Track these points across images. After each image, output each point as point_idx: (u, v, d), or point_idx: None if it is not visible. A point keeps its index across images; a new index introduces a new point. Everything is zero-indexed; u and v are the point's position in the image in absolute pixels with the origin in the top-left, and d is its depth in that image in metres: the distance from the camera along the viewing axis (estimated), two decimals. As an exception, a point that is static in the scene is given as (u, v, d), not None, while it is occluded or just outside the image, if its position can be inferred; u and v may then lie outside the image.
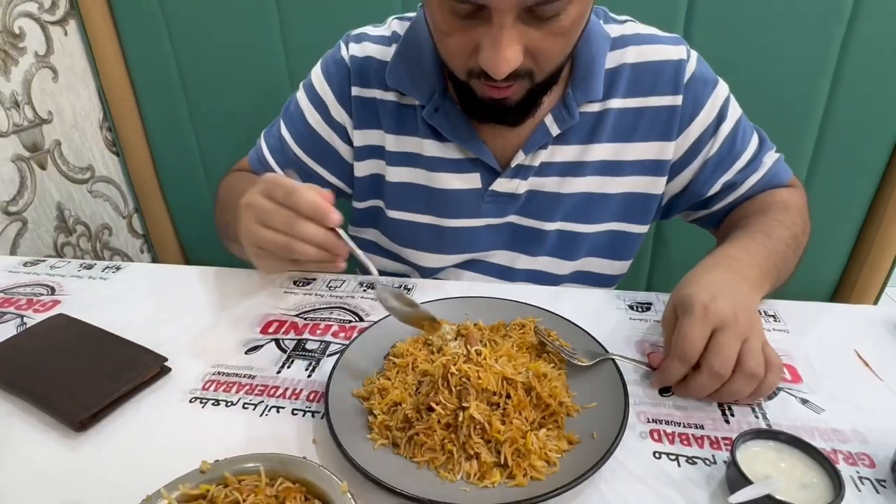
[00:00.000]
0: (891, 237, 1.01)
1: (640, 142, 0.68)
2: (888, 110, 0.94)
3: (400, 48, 0.69)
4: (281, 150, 0.77)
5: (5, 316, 0.68)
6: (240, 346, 0.60)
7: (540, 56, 0.54)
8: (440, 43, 0.58)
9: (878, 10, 0.87)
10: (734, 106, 0.69)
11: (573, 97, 0.65)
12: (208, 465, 0.38)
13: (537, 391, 0.46)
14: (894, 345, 0.57)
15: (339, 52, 0.72)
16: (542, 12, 0.50)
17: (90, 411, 0.49)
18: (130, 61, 1.18)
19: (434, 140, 0.70)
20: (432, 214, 0.73)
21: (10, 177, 1.03)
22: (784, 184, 0.71)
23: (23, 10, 1.03)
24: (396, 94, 0.70)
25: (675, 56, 0.66)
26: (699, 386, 0.48)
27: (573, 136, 0.68)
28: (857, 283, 1.07)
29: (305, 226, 0.50)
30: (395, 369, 0.52)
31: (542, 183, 0.69)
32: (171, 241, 1.39)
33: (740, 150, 0.68)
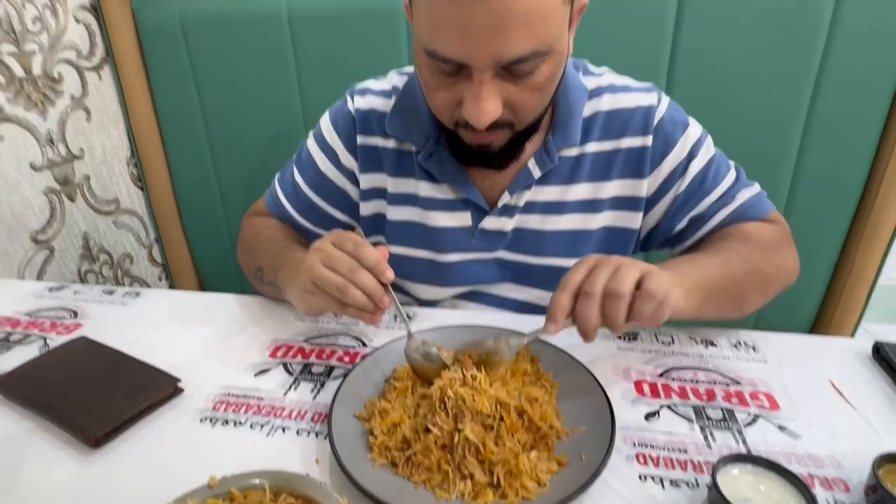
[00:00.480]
0: (865, 273, 1.02)
1: (615, 179, 0.70)
2: (856, 156, 0.95)
3: (398, 100, 0.72)
4: (295, 195, 0.79)
5: (30, 337, 0.68)
6: (249, 369, 0.60)
7: (518, 108, 0.57)
8: (429, 97, 0.60)
9: (843, 67, 0.90)
10: (707, 146, 0.70)
11: (553, 143, 0.67)
12: (216, 481, 0.38)
13: (529, 414, 0.46)
14: (867, 375, 0.57)
15: (346, 106, 0.75)
16: (516, 70, 0.52)
17: (105, 429, 0.49)
18: (158, 104, 1.22)
19: (429, 182, 0.72)
20: (428, 249, 0.74)
21: (42, 208, 1.05)
22: (758, 218, 0.70)
23: (63, 57, 1.07)
24: (396, 141, 0.73)
25: (645, 102, 0.68)
26: (580, 313, 0.49)
27: (554, 177, 0.70)
28: (833, 317, 1.07)
29: (364, 274, 0.53)
30: (395, 392, 0.52)
31: (527, 221, 0.71)
32: (189, 269, 1.40)
33: (711, 186, 0.69)
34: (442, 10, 0.49)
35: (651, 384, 0.56)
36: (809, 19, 0.88)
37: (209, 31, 1.11)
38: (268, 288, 0.72)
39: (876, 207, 0.96)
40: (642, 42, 0.95)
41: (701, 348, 0.62)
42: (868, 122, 0.93)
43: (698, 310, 0.56)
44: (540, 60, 0.52)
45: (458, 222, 0.72)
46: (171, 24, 1.11)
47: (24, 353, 0.64)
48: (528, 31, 0.49)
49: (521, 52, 0.50)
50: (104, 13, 1.12)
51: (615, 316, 0.49)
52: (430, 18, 0.51)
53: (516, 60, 0.51)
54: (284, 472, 0.39)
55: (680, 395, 0.54)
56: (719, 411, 0.52)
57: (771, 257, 0.65)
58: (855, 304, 1.05)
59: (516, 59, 0.51)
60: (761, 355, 0.60)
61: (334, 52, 1.06)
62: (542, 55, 0.52)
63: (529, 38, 0.50)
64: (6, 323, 0.71)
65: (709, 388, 0.55)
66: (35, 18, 1.01)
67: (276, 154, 1.17)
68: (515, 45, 0.50)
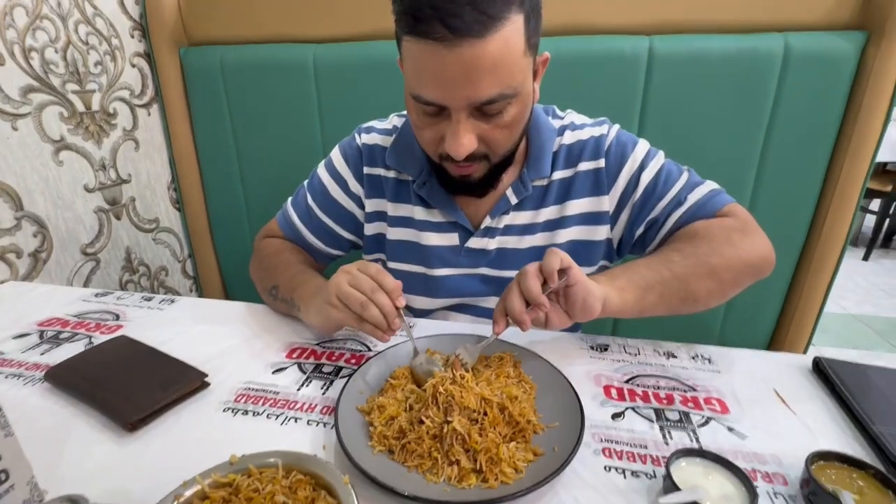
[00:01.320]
0: (813, 299, 1.04)
1: (577, 199, 0.72)
2: (803, 195, 0.98)
3: (396, 137, 0.76)
4: (308, 217, 0.82)
5: (77, 336, 0.70)
6: (267, 367, 0.62)
7: (490, 143, 0.61)
8: (417, 135, 0.65)
9: (791, 119, 0.93)
10: (657, 158, 0.72)
11: (528, 175, 0.71)
12: (236, 458, 0.39)
13: (509, 410, 0.48)
14: (807, 386, 0.58)
15: (354, 141, 0.80)
16: (487, 110, 0.57)
17: (140, 414, 0.51)
18: (197, 137, 1.26)
19: (422, 207, 0.75)
20: (421, 265, 0.77)
21: (91, 225, 1.08)
22: (711, 214, 0.68)
23: (118, 95, 1.12)
24: (395, 172, 0.77)
25: (596, 133, 0.73)
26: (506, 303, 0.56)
27: (527, 203, 0.73)
28: (785, 340, 1.09)
29: (383, 296, 0.57)
30: (393, 390, 0.54)
31: (506, 241, 0.74)
32: (217, 282, 1.42)
33: (662, 191, 0.70)
34: (424, 62, 0.54)
35: (618, 388, 0.57)
36: (761, 73, 0.92)
37: (245, 76, 1.16)
38: (280, 305, 0.73)
39: (822, 238, 0.98)
40: (618, 90, 0.98)
41: (663, 359, 0.64)
42: (813, 164, 0.96)
43: (639, 304, 0.59)
44: (507, 102, 0.57)
45: (448, 241, 0.75)
46: (212, 70, 1.16)
47: (71, 349, 0.66)
48: (495, 77, 0.54)
49: (490, 94, 0.55)
50: (156, 59, 1.17)
51: (528, 290, 0.54)
52: (414, 69, 0.56)
53: (486, 101, 0.55)
54: (296, 453, 0.40)
55: (643, 399, 0.55)
56: (677, 413, 0.53)
57: (717, 248, 0.63)
58: (805, 326, 1.06)
59: (486, 101, 0.55)
60: (716, 366, 0.62)
61: (352, 96, 1.10)
62: (508, 97, 0.56)
63: (496, 84, 0.54)
64: (57, 323, 0.73)
65: (668, 393, 0.56)
66: (97, 63, 1.05)
67: (298, 182, 1.21)
68: (484, 89, 0.54)
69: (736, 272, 0.63)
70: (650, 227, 0.72)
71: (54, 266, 1.00)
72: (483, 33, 0.51)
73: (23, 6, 0.90)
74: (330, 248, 0.84)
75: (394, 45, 1.08)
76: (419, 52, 0.54)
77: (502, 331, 0.56)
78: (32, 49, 0.92)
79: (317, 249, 0.84)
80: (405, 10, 0.53)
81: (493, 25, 0.51)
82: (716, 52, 0.92)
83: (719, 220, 0.68)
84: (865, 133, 0.90)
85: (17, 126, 0.91)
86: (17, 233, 0.93)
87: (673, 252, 0.64)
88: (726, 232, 0.65)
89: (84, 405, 0.54)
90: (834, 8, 0.88)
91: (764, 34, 0.91)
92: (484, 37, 0.51)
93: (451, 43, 0.51)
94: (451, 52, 0.51)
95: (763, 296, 1.07)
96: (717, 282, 0.62)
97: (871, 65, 0.87)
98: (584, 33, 0.99)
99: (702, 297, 0.63)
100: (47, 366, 0.60)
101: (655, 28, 0.96)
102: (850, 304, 2.56)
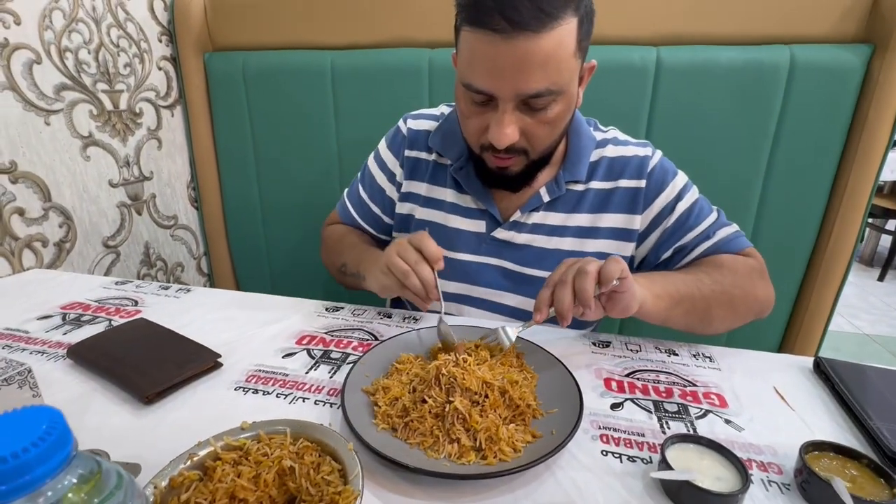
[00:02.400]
0: (820, 311, 1.03)
1: (612, 213, 0.75)
2: (810, 206, 0.99)
3: (442, 122, 0.80)
4: (360, 205, 0.88)
5: (97, 318, 0.73)
6: (278, 352, 0.64)
7: (531, 138, 0.63)
8: (463, 124, 0.68)
9: (797, 130, 0.95)
10: (692, 192, 0.75)
11: (563, 177, 0.74)
12: (248, 424, 0.41)
13: (510, 394, 0.49)
14: (807, 385, 0.59)
15: (399, 128, 0.84)
16: (533, 104, 0.60)
17: (157, 388, 0.53)
18: (218, 138, 1.30)
19: (455, 191, 0.78)
20: (443, 247, 0.78)
21: (114, 218, 1.12)
22: (734, 252, 0.72)
23: (144, 97, 1.17)
24: (436, 155, 0.80)
25: (641, 153, 0.75)
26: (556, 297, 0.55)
27: (561, 206, 0.75)
28: (793, 350, 1.08)
29: (424, 267, 0.62)
30: (397, 374, 0.55)
31: (535, 239, 0.75)
32: (230, 280, 1.45)
33: (694, 223, 0.73)
34: (478, 51, 0.58)
35: (618, 381, 0.58)
36: (767, 84, 0.93)
37: (266, 80, 1.20)
38: (350, 279, 0.80)
39: (829, 250, 0.98)
40: (627, 99, 1.01)
41: (664, 356, 0.65)
42: (819, 175, 0.97)
43: (666, 314, 0.60)
44: (552, 98, 0.60)
45: (474, 227, 0.78)
46: (234, 74, 1.21)
47: (92, 330, 0.68)
48: (545, 72, 0.57)
49: (538, 88, 0.58)
50: (181, 63, 1.22)
51: (583, 290, 0.53)
52: (469, 58, 0.59)
53: (533, 95, 0.58)
54: (303, 421, 0.42)
55: (642, 392, 0.57)
56: (675, 405, 0.54)
57: (740, 282, 0.68)
58: (812, 339, 1.06)
59: (534, 94, 0.58)
60: (716, 364, 0.63)
61: (367, 102, 1.14)
62: (554, 94, 0.59)
63: (545, 78, 0.57)
64: (78, 307, 0.77)
65: (668, 387, 0.57)
66: (126, 65, 1.11)
67: (314, 184, 1.25)
68: (533, 82, 0.57)
69: (748, 308, 0.68)
70: (677, 253, 0.75)
71: (77, 257, 1.04)
72: (539, 29, 0.54)
73: (61, 9, 0.95)
74: (380, 234, 0.89)
75: (409, 52, 1.12)
76: (476, 42, 0.57)
77: (543, 320, 0.57)
78: (67, 49, 0.97)
79: (372, 235, 0.89)
80: (469, 3, 0.57)
81: (549, 23, 0.54)
82: (722, 63, 0.94)
83: (743, 258, 0.72)
84: (871, 144, 0.91)
85: (49, 121, 0.96)
86: (45, 223, 0.97)
87: (703, 274, 0.67)
88: (748, 270, 0.70)
89: (104, 379, 0.56)
90: (839, 21, 0.90)
91: (770, 46, 0.93)
92: (539, 32, 0.54)
93: (508, 35, 0.54)
94: (506, 44, 0.55)
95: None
96: (731, 312, 0.67)
97: (876, 77, 0.88)
98: (594, 43, 1.01)
99: (715, 323, 0.67)
100: (69, 344, 0.63)
101: (663, 39, 0.98)
102: (864, 324, 2.52)
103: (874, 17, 0.88)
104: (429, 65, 1.08)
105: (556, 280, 0.57)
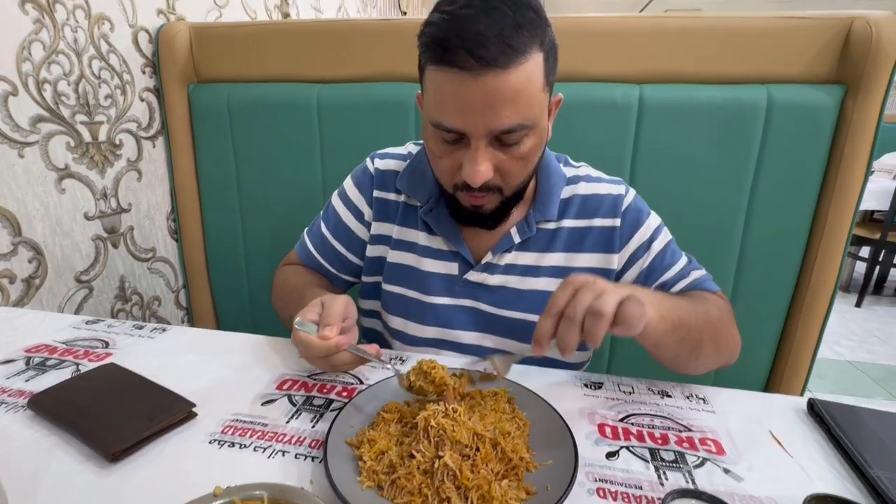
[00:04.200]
0: (806, 344, 1.04)
1: (588, 253, 0.74)
2: (792, 241, 1.00)
3: (410, 163, 0.79)
4: (322, 244, 0.84)
5: (64, 363, 0.69)
6: (257, 399, 0.61)
7: (505, 174, 0.63)
8: (434, 164, 0.67)
9: (776, 167, 0.97)
10: (665, 232, 0.75)
11: (533, 216, 0.73)
12: (220, 490, 0.38)
13: (502, 446, 0.47)
14: (802, 428, 0.58)
15: (367, 167, 0.82)
16: (506, 140, 0.59)
17: (124, 445, 0.49)
18: (200, 169, 1.28)
19: (426, 233, 0.77)
20: (417, 291, 0.78)
21: (88, 252, 1.08)
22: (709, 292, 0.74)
23: (125, 128, 1.14)
24: (405, 197, 0.78)
25: (615, 192, 0.75)
26: (561, 335, 0.50)
27: (532, 245, 0.74)
28: (781, 383, 1.07)
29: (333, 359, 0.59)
30: (384, 423, 0.53)
31: (507, 280, 0.74)
32: (209, 315, 1.40)
33: (670, 263, 0.73)
34: (447, 90, 0.57)
35: (612, 427, 0.57)
36: (747, 122, 0.95)
37: (250, 112, 1.19)
38: None
39: (812, 283, 0.99)
40: (610, 135, 1.02)
41: (658, 398, 0.63)
42: (800, 210, 0.98)
43: (663, 338, 0.58)
44: (524, 133, 0.59)
45: (446, 270, 0.76)
46: (219, 106, 1.20)
47: (57, 377, 0.64)
48: (515, 108, 0.56)
49: (510, 124, 0.57)
50: (164, 94, 1.21)
51: (594, 333, 0.49)
52: (437, 97, 0.59)
53: (505, 130, 0.58)
54: (282, 485, 0.39)
55: (638, 438, 0.55)
56: (672, 453, 0.52)
57: (723, 319, 0.68)
58: (800, 371, 1.05)
59: (506, 129, 0.57)
60: (710, 406, 0.62)
61: (353, 135, 1.14)
62: (526, 128, 0.59)
63: (516, 114, 0.57)
64: (44, 349, 0.72)
65: (663, 433, 0.56)
66: (107, 96, 1.09)
67: (298, 218, 1.22)
68: (505, 118, 0.57)
69: (728, 348, 0.68)
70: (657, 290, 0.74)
71: (46, 293, 0.99)
72: (507, 65, 0.54)
73: (41, 41, 0.94)
74: (344, 274, 0.85)
75: (395, 86, 1.12)
76: (443, 81, 0.56)
77: (544, 353, 0.53)
78: (46, 81, 0.95)
79: (334, 276, 0.85)
80: (433, 41, 0.56)
81: (517, 59, 0.54)
82: (702, 101, 0.97)
83: (719, 299, 0.72)
84: (849, 181, 0.93)
85: (23, 154, 0.93)
86: (13, 258, 0.93)
87: (699, 303, 0.67)
88: (727, 310, 0.71)
89: (66, 434, 0.52)
90: (812, 63, 0.94)
91: (747, 85, 0.96)
92: (507, 68, 0.54)
93: (477, 72, 0.54)
94: (475, 81, 0.54)
95: (756, 341, 1.07)
96: (715, 349, 0.66)
97: (850, 117, 0.91)
98: (578, 80, 1.03)
99: (702, 357, 0.65)
100: (31, 393, 0.59)
101: (645, 77, 1.01)
102: (845, 351, 2.55)
103: (844, 59, 0.92)
104: (415, 98, 1.08)
105: (559, 309, 0.51)
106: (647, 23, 1.00)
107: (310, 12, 1.96)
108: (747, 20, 0.95)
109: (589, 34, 1.01)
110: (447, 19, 0.55)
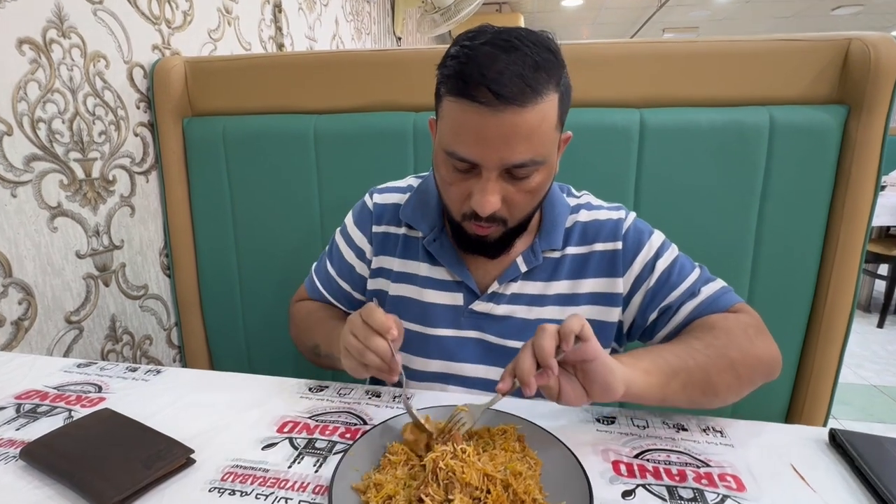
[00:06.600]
0: (827, 369, 1.04)
1: (591, 278, 0.76)
2: (804, 263, 1.02)
3: (413, 194, 0.82)
4: (327, 281, 0.89)
5: (56, 409, 0.69)
6: (257, 443, 0.61)
7: (512, 206, 0.66)
8: (444, 192, 0.70)
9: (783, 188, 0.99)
10: (671, 249, 0.77)
11: (539, 245, 0.76)
12: (225, 541, 0.39)
13: (514, 488, 0.47)
14: (825, 460, 0.58)
15: (365, 203, 0.86)
16: (516, 173, 0.63)
17: (121, 495, 0.50)
18: (194, 203, 1.31)
19: (429, 264, 0.79)
20: (420, 324, 0.79)
21: (79, 291, 1.09)
22: (724, 310, 0.72)
23: (119, 164, 1.17)
24: (406, 228, 0.81)
25: (615, 216, 0.78)
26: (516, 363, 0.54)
27: (538, 274, 0.77)
28: (803, 411, 1.07)
29: (376, 339, 0.61)
30: (390, 466, 0.53)
31: (514, 310, 0.76)
32: (203, 353, 1.40)
33: (677, 281, 0.74)
34: (464, 122, 0.61)
35: (627, 464, 0.57)
36: (750, 144, 0.98)
37: (246, 145, 1.22)
38: (325, 360, 0.80)
39: (828, 306, 1.00)
40: (612, 160, 1.05)
41: (673, 432, 0.63)
42: (810, 231, 1.00)
43: (662, 391, 0.59)
44: (535, 168, 0.63)
45: (451, 301, 0.78)
46: (214, 139, 1.23)
47: (49, 424, 0.65)
48: (529, 144, 0.60)
49: (522, 159, 0.61)
50: (159, 128, 1.25)
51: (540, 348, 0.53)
52: (453, 127, 0.62)
53: (518, 165, 0.61)
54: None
55: (654, 475, 0.55)
56: (690, 491, 0.53)
57: (736, 342, 0.66)
58: (822, 398, 1.05)
59: (518, 164, 0.61)
60: (728, 440, 0.62)
61: (351, 166, 1.17)
62: (537, 164, 0.63)
63: (529, 150, 0.61)
64: (35, 395, 0.73)
65: (680, 469, 0.56)
66: (101, 132, 1.12)
67: (295, 253, 1.24)
68: (518, 153, 0.60)
69: (752, 369, 0.66)
70: (663, 314, 0.75)
71: (36, 335, 1.00)
72: (525, 103, 0.58)
73: (37, 81, 0.98)
74: (352, 310, 0.86)
75: (392, 116, 1.16)
76: (461, 113, 0.60)
77: (507, 389, 0.55)
78: (41, 120, 0.99)
79: (344, 313, 0.88)
80: (454, 74, 0.60)
81: (534, 98, 0.58)
82: (704, 124, 1.00)
83: (734, 315, 0.72)
84: (858, 199, 0.96)
85: (16, 193, 0.95)
86: (3, 300, 0.94)
87: (694, 340, 0.67)
88: (742, 327, 0.69)
89: (61, 485, 0.53)
90: (812, 84, 0.97)
91: (749, 107, 1.00)
92: (525, 106, 0.58)
93: (496, 108, 0.58)
94: (494, 117, 0.58)
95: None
96: (735, 377, 0.65)
97: (854, 136, 0.94)
98: (578, 106, 1.07)
99: (721, 392, 0.64)
100: (23, 442, 0.59)
101: (646, 102, 1.04)
102: (870, 374, 2.53)
103: (845, 80, 0.96)
104: (413, 127, 1.12)
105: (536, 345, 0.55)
106: (647, 47, 1.04)
107: (304, 42, 2.03)
108: (745, 43, 1.00)
109: (588, 59, 1.05)
110: (469, 55, 0.59)
